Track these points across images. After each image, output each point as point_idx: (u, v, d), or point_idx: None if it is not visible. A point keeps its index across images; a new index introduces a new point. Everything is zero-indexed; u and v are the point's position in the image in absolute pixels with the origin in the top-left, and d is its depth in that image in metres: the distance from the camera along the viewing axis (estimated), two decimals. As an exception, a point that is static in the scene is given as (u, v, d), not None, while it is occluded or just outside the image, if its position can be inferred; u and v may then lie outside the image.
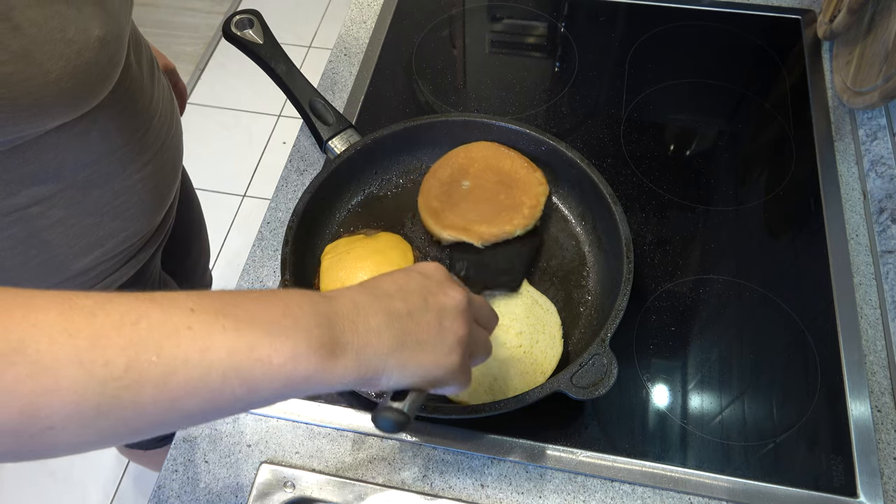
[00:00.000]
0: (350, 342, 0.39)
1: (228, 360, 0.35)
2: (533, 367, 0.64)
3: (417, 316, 0.43)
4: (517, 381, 0.63)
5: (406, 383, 0.43)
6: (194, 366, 0.34)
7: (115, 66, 0.56)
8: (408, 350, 0.42)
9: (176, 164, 0.75)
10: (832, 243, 0.75)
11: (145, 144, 0.66)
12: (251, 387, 0.36)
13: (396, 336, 0.41)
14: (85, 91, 0.53)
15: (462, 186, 0.75)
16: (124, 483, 1.51)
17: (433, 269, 0.47)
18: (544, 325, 0.67)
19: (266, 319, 0.37)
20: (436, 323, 0.43)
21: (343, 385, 0.39)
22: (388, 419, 0.43)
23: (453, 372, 0.44)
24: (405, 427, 0.44)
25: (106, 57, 0.53)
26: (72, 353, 0.32)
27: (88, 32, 0.51)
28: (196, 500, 0.61)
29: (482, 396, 0.63)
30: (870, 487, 0.60)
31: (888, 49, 0.73)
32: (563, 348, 0.65)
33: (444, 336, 0.43)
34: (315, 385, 0.38)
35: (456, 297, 0.45)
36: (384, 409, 0.44)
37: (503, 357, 0.65)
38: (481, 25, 1.00)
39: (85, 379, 0.32)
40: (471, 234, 0.71)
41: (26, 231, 0.59)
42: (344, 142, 0.78)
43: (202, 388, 0.34)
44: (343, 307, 0.40)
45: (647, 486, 0.61)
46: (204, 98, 2.22)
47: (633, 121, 0.87)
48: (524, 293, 0.69)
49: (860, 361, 0.67)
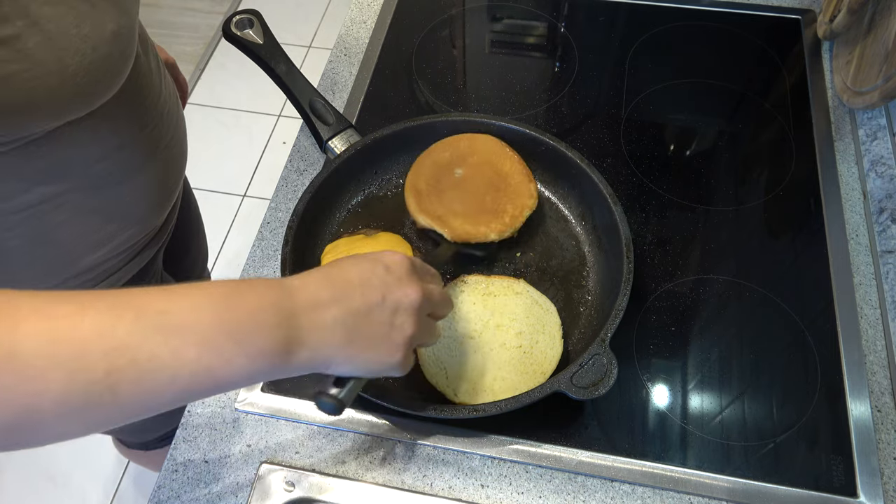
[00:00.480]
0: (306, 340, 0.43)
1: (197, 361, 0.39)
2: (533, 368, 0.64)
3: (373, 314, 0.46)
4: (517, 382, 0.63)
5: (350, 374, 0.48)
6: (166, 366, 0.38)
7: (127, 60, 0.57)
8: (357, 346, 0.46)
9: (182, 160, 0.76)
10: (832, 243, 0.75)
11: (154, 140, 0.67)
12: (218, 381, 0.40)
13: (349, 332, 0.45)
14: (100, 86, 0.53)
15: (454, 174, 0.74)
16: (124, 484, 1.51)
17: (398, 263, 0.50)
18: (544, 325, 0.67)
19: (231, 322, 0.40)
20: (388, 321, 0.47)
21: (297, 373, 0.44)
22: (327, 403, 0.49)
23: (395, 366, 0.48)
24: (341, 412, 0.49)
25: (118, 51, 0.54)
26: (57, 360, 0.35)
27: (103, 27, 0.51)
28: (196, 500, 0.61)
29: (482, 396, 0.63)
30: (870, 487, 0.60)
31: (888, 49, 0.73)
32: (563, 348, 0.65)
33: (393, 335, 0.47)
34: (273, 375, 0.43)
35: (412, 296, 0.48)
36: (324, 395, 0.49)
37: (503, 357, 0.65)
38: (481, 25, 1.00)
39: (69, 382, 0.35)
40: (444, 226, 0.71)
41: (36, 230, 0.59)
42: (344, 142, 0.78)
43: (174, 385, 0.38)
44: (304, 301, 0.44)
45: (647, 486, 0.61)
46: (204, 98, 2.22)
47: (633, 121, 0.87)
48: (524, 293, 0.69)
49: (860, 361, 0.67)
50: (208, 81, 2.28)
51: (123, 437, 1.04)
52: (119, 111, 0.60)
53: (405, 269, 0.50)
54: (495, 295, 0.69)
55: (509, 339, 0.66)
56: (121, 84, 0.57)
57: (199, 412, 0.65)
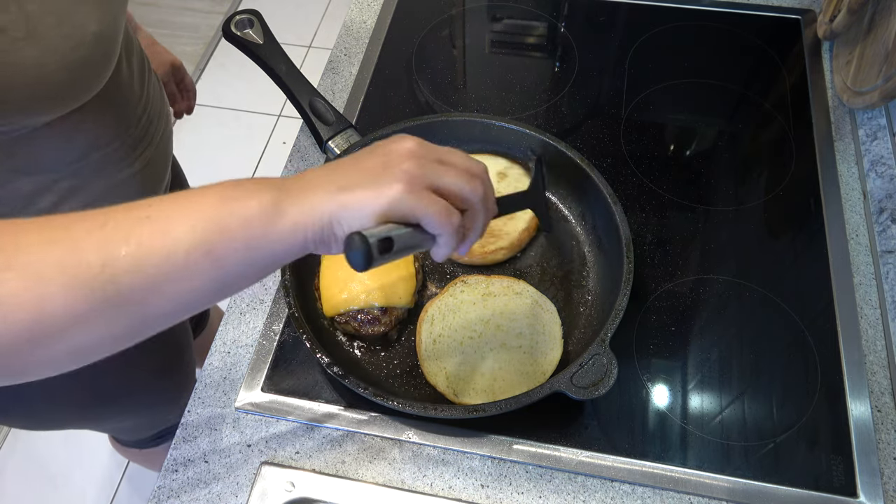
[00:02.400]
0: (294, 193, 0.41)
1: (190, 235, 0.38)
2: (534, 368, 0.64)
3: (361, 162, 0.44)
4: (518, 381, 0.63)
5: (358, 224, 0.42)
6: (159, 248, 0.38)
7: (109, 62, 0.56)
8: (347, 192, 0.42)
9: (165, 162, 0.75)
10: (832, 243, 0.75)
11: (135, 142, 0.66)
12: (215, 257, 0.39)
13: (336, 182, 0.42)
14: (78, 86, 0.53)
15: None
16: (123, 485, 1.51)
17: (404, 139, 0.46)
18: (544, 326, 0.67)
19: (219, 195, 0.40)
20: (380, 165, 0.43)
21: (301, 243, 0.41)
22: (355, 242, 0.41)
23: (400, 199, 0.42)
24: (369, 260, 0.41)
25: (100, 52, 0.53)
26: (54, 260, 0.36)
27: (85, 28, 0.50)
28: (196, 500, 0.61)
29: (482, 396, 0.63)
30: (870, 487, 0.60)
31: (888, 49, 0.73)
32: (563, 348, 0.65)
33: (386, 172, 0.42)
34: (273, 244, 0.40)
35: (406, 143, 0.44)
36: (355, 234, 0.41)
37: (504, 358, 0.65)
38: (481, 25, 1.00)
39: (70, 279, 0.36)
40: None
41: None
42: (344, 142, 0.77)
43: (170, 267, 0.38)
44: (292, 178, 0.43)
45: (647, 486, 0.61)
46: (204, 98, 2.20)
47: (633, 121, 0.87)
48: (524, 293, 0.69)
49: (860, 361, 0.67)
50: (208, 81, 2.27)
51: (118, 435, 1.05)
52: (99, 112, 0.59)
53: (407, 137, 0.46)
54: (496, 295, 0.69)
55: (510, 339, 0.66)
56: (102, 85, 0.56)
57: (199, 412, 0.65)
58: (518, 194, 0.60)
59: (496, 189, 0.75)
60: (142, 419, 0.97)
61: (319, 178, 0.43)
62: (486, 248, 0.72)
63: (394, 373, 0.67)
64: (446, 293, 0.69)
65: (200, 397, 0.66)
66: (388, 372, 0.67)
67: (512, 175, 0.77)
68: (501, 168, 0.77)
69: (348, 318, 0.66)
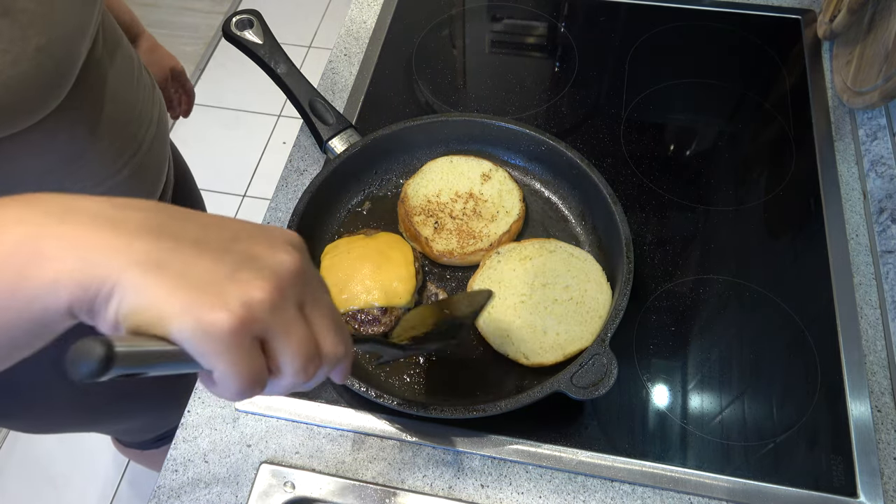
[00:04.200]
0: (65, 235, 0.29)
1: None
2: (589, 315, 0.66)
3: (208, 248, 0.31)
4: (579, 332, 0.65)
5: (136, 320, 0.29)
6: None
7: (65, 73, 0.53)
8: (161, 274, 0.29)
9: (159, 166, 0.73)
10: (832, 243, 0.75)
11: (123, 146, 0.65)
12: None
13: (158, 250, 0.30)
14: (25, 103, 0.50)
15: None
16: (123, 485, 1.51)
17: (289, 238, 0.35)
18: (587, 274, 0.69)
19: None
20: (230, 268, 0.31)
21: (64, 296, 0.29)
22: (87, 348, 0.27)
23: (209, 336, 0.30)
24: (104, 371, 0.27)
25: (51, 65, 0.51)
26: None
27: (25, 42, 0.48)
28: (196, 500, 0.61)
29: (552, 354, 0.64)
30: (870, 487, 0.60)
31: (888, 49, 0.73)
32: (610, 289, 0.67)
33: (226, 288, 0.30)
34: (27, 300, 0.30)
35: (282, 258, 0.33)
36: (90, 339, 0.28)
37: (559, 312, 0.66)
38: (481, 25, 1.00)
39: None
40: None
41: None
42: (344, 142, 0.78)
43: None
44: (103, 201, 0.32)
45: (647, 486, 0.61)
46: (204, 98, 2.22)
47: (633, 121, 0.87)
48: (557, 250, 0.70)
49: (860, 361, 0.67)
50: (208, 81, 2.28)
51: (121, 436, 1.05)
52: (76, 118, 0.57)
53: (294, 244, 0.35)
54: (531, 258, 0.70)
55: (559, 294, 0.68)
56: (61, 97, 0.54)
57: (199, 412, 0.65)
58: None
59: (479, 191, 0.75)
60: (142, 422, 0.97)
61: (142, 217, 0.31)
62: (466, 248, 0.72)
63: (394, 373, 0.67)
64: (484, 268, 0.70)
65: (200, 397, 0.66)
66: (388, 372, 0.67)
67: (496, 177, 0.76)
68: (486, 170, 0.77)
69: (348, 318, 0.66)
